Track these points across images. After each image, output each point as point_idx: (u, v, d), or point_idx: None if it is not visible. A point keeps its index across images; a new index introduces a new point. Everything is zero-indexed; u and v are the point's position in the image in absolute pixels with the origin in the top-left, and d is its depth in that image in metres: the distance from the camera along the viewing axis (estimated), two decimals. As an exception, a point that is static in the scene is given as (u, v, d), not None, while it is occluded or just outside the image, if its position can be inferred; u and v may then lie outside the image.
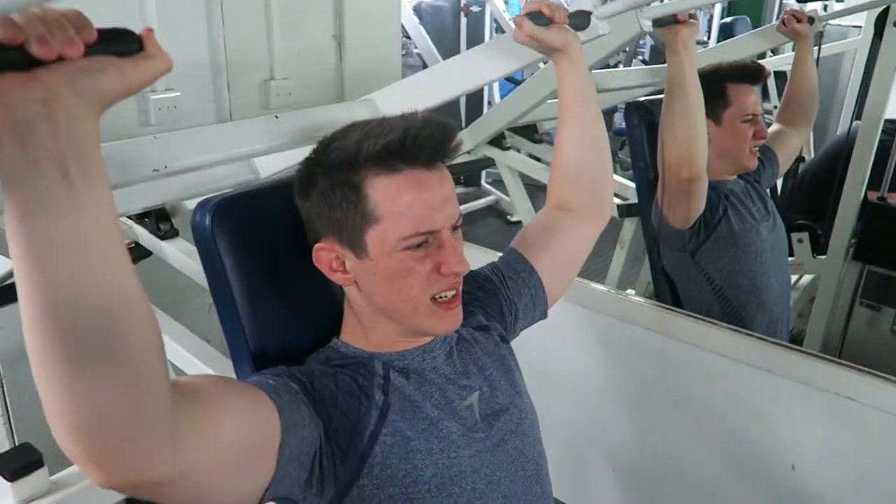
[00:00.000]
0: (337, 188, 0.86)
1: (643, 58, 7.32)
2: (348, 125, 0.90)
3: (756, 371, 1.28)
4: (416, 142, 0.83)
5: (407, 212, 0.85)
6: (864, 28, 3.66)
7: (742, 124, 1.76)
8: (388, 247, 0.86)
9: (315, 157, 0.90)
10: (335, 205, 0.86)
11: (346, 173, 0.85)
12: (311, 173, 0.89)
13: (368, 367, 0.92)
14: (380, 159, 0.84)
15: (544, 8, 1.10)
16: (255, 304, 0.98)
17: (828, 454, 1.24)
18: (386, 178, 0.85)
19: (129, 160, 1.01)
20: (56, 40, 0.52)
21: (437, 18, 5.23)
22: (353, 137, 0.85)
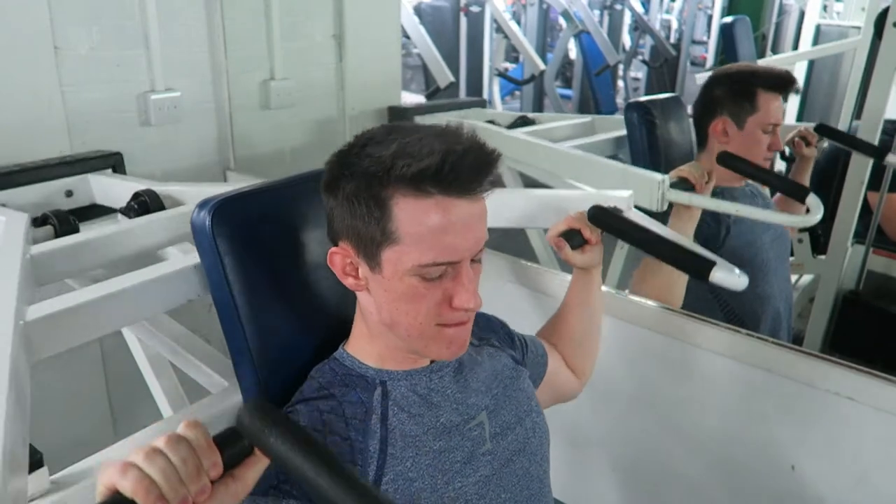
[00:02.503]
0: (362, 198, 0.81)
1: (643, 58, 7.32)
2: (387, 128, 0.85)
3: (756, 371, 1.28)
4: (455, 169, 0.78)
5: (429, 239, 0.80)
6: (864, 28, 3.65)
7: (762, 133, 1.74)
8: (403, 269, 0.82)
9: (346, 159, 0.85)
10: (357, 213, 0.82)
11: (374, 186, 0.80)
12: (339, 175, 0.85)
13: (370, 393, 0.90)
14: (412, 181, 0.78)
15: (585, 231, 1.16)
16: (255, 304, 0.98)
17: (828, 454, 1.24)
18: (414, 201, 0.79)
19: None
20: (192, 494, 0.56)
21: (437, 18, 5.23)
22: (388, 148, 0.80)
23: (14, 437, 0.74)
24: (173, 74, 2.04)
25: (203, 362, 1.16)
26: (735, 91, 1.69)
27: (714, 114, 1.75)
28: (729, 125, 1.73)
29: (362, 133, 0.86)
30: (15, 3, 1.69)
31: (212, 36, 2.13)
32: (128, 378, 1.33)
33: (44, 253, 1.19)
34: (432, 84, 3.89)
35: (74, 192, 1.73)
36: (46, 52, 1.77)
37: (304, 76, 2.44)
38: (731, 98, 1.72)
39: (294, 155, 2.49)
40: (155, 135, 2.05)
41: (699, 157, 1.84)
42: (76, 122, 1.85)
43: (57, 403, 1.02)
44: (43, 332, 0.93)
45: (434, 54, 3.77)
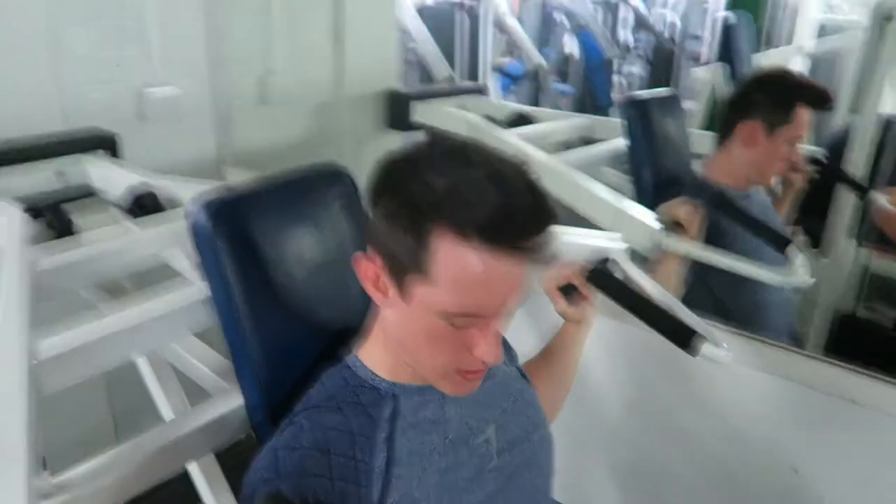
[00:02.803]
0: (403, 222, 0.76)
1: (640, 53, 7.31)
2: (443, 149, 0.79)
3: (757, 373, 1.28)
4: (505, 226, 0.72)
5: (463, 289, 0.76)
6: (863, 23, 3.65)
7: (787, 146, 1.72)
8: (430, 309, 0.78)
9: (395, 173, 0.79)
10: (395, 235, 0.77)
11: (417, 215, 0.75)
12: (384, 186, 0.79)
13: (380, 409, 0.87)
14: (458, 227, 0.73)
15: (583, 289, 1.15)
16: (256, 305, 0.97)
17: (830, 457, 1.24)
18: (457, 246, 0.74)
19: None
20: None
21: (436, 14, 5.21)
22: (441, 178, 0.74)
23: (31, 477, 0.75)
24: (171, 69, 2.03)
25: (204, 364, 1.16)
26: (775, 99, 1.65)
27: (747, 115, 1.71)
28: (759, 131, 1.69)
29: (418, 145, 0.81)
30: (13, 0, 1.68)
31: (210, 31, 2.12)
32: (129, 380, 1.32)
33: (48, 268, 1.18)
34: (428, 78, 3.88)
35: (67, 174, 1.70)
36: (45, 51, 1.76)
37: (302, 71, 2.43)
38: (769, 105, 1.68)
39: (293, 149, 2.48)
40: (152, 130, 2.04)
41: (716, 152, 1.82)
42: (74, 118, 1.84)
43: (58, 406, 1.01)
44: (54, 369, 0.93)
45: (437, 54, 3.76)
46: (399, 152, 0.81)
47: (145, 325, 1.02)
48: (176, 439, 0.98)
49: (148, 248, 1.33)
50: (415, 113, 2.76)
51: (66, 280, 1.21)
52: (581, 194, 1.88)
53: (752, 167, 1.76)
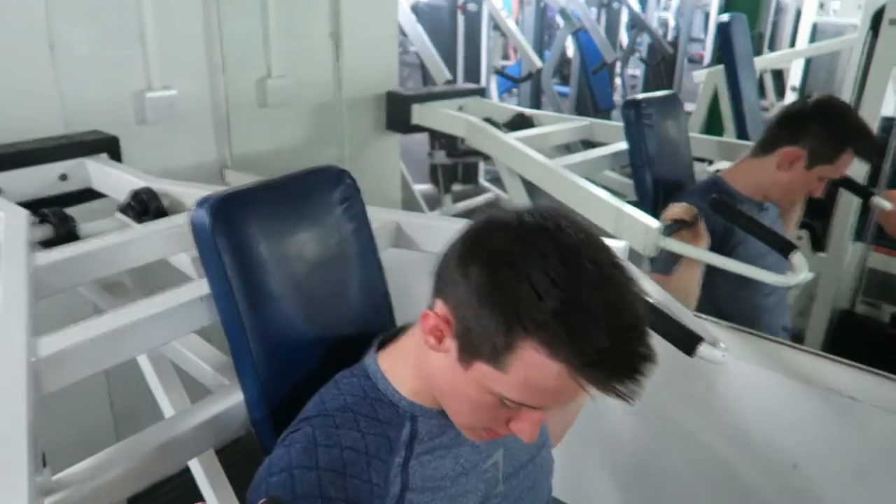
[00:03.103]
0: (497, 317, 0.71)
1: (641, 56, 7.32)
2: (564, 248, 0.71)
3: (756, 369, 1.28)
4: (607, 370, 0.69)
5: (532, 391, 0.74)
6: (860, 25, 3.66)
7: (818, 182, 1.73)
8: (488, 387, 0.76)
9: (500, 250, 0.73)
10: (481, 319, 0.73)
11: (517, 322, 0.70)
12: (483, 261, 0.74)
13: (397, 430, 0.86)
14: (556, 347, 0.69)
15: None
16: (256, 303, 0.98)
17: (829, 453, 1.24)
18: (545, 359, 0.70)
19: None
20: None
21: (435, 17, 5.23)
22: (553, 289, 0.69)
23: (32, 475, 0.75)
24: (170, 72, 2.04)
25: (204, 361, 1.16)
26: (829, 137, 1.65)
27: (796, 141, 1.70)
28: (800, 161, 1.68)
29: (528, 220, 0.75)
30: (11, 1, 1.69)
31: (208, 34, 2.13)
32: (129, 377, 1.33)
33: (48, 265, 1.18)
34: (429, 81, 3.89)
35: (69, 176, 1.71)
36: (43, 51, 1.76)
37: (301, 74, 2.43)
38: (820, 140, 1.67)
39: (292, 152, 2.49)
40: (152, 133, 2.05)
41: (751, 160, 1.79)
42: (73, 120, 1.85)
43: (58, 403, 1.02)
44: (54, 367, 0.93)
45: (432, 53, 3.77)
46: (506, 223, 0.75)
47: (146, 323, 1.02)
48: (176, 436, 0.99)
49: (148, 246, 1.33)
50: (415, 115, 2.77)
51: (66, 278, 1.21)
52: (581, 197, 1.89)
53: (777, 188, 1.75)
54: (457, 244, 0.79)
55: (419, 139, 4.42)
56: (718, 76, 3.08)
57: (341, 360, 1.07)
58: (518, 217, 0.75)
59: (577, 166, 2.13)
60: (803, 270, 1.48)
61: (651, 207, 1.96)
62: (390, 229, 1.43)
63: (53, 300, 1.18)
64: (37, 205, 1.52)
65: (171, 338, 1.11)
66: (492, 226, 0.77)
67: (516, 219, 0.75)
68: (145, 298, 1.06)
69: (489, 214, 0.80)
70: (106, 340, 0.97)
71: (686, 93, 5.87)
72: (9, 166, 1.60)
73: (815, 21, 4.49)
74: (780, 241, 1.58)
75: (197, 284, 1.09)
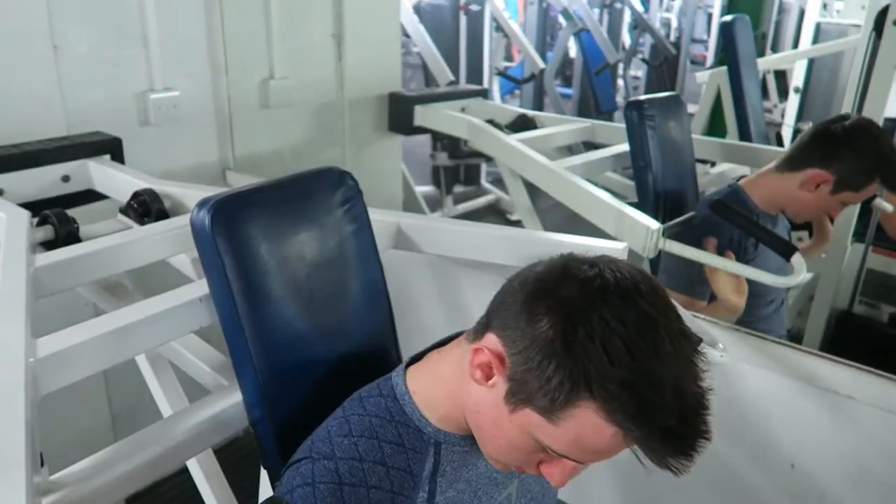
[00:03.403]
0: (561, 373, 0.69)
1: (643, 57, 7.32)
2: (642, 319, 0.69)
3: (755, 369, 1.28)
4: (665, 448, 0.68)
5: (580, 448, 0.73)
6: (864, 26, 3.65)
7: (839, 206, 1.72)
8: (531, 432, 0.75)
9: (575, 304, 0.71)
10: (541, 370, 0.71)
11: (582, 384, 0.69)
12: (550, 307, 0.72)
13: (420, 463, 0.85)
14: (616, 415, 0.68)
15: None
16: (255, 304, 0.98)
17: (827, 452, 1.24)
18: (601, 422, 0.69)
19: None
20: None
21: (437, 17, 5.24)
22: (626, 358, 0.67)
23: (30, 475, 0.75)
24: (172, 74, 2.04)
25: (203, 361, 1.16)
26: (861, 166, 1.62)
27: (826, 165, 1.65)
28: (826, 184, 1.65)
29: (608, 271, 0.73)
30: (13, 1, 1.69)
31: (211, 35, 2.13)
32: (127, 377, 1.33)
33: (48, 266, 1.18)
34: (432, 83, 3.90)
35: (72, 178, 1.71)
36: (45, 52, 1.77)
37: (303, 75, 2.44)
38: (851, 168, 1.63)
39: (294, 153, 2.49)
40: (154, 134, 2.05)
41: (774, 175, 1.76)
42: (75, 121, 1.85)
43: (57, 403, 1.02)
44: (53, 368, 0.93)
45: (434, 53, 3.77)
46: (586, 276, 0.72)
47: (145, 323, 1.02)
48: (175, 436, 0.99)
49: (148, 248, 1.33)
50: (417, 116, 2.77)
51: (65, 279, 1.21)
52: (582, 199, 1.89)
53: (796, 205, 1.73)
54: (524, 282, 0.76)
55: (421, 140, 4.44)
56: (721, 77, 3.08)
57: (340, 360, 1.08)
58: (598, 271, 0.73)
59: (579, 168, 2.14)
60: (802, 271, 1.48)
61: (653, 209, 1.95)
62: (391, 231, 1.44)
63: (53, 301, 1.18)
64: (39, 206, 1.53)
65: (169, 338, 1.11)
66: (568, 274, 0.73)
67: (596, 273, 0.72)
68: (144, 299, 1.07)
69: (564, 259, 0.77)
70: (104, 341, 0.97)
71: (689, 94, 5.87)
72: (11, 167, 1.61)
73: (819, 22, 4.49)
74: (780, 242, 1.58)
75: (196, 285, 1.10)
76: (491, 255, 1.42)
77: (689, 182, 2.16)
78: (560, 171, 2.02)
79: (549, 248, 1.38)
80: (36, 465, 0.80)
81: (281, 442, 1.01)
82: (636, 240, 1.62)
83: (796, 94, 4.37)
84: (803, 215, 1.79)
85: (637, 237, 1.63)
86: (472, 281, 1.63)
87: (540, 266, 0.78)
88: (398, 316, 1.19)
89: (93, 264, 1.25)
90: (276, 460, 1.01)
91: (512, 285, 0.79)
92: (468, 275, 1.62)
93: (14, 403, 0.82)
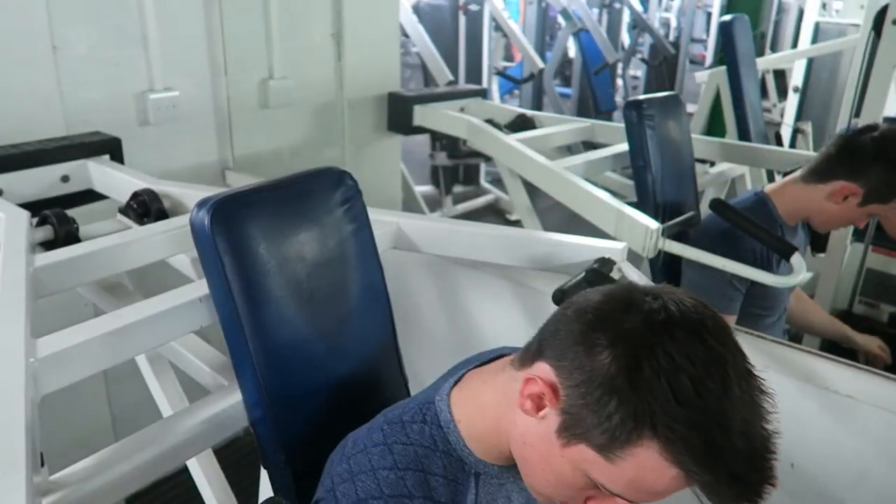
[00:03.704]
0: (618, 404, 0.66)
1: (642, 56, 7.33)
2: (711, 355, 0.66)
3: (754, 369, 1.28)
4: (728, 493, 0.66)
5: (636, 489, 0.70)
6: (863, 26, 3.65)
7: (865, 218, 1.70)
8: (583, 469, 0.72)
9: (641, 341, 0.67)
10: (600, 407, 0.68)
11: (646, 423, 0.66)
12: (603, 335, 0.69)
13: (462, 492, 0.82)
14: (681, 457, 0.65)
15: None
16: (255, 304, 0.98)
17: (827, 452, 1.24)
18: (662, 462, 0.66)
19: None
20: None
21: (436, 17, 5.23)
22: (693, 397, 0.64)
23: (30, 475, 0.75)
24: (172, 74, 2.04)
25: (202, 361, 1.16)
26: (888, 181, 1.59)
27: (854, 178, 1.62)
28: (854, 197, 1.63)
29: (672, 303, 0.69)
30: (13, 1, 1.69)
31: (210, 35, 2.13)
32: (127, 377, 1.33)
33: (48, 266, 1.19)
34: (431, 82, 3.90)
35: (71, 178, 1.71)
36: (45, 52, 1.77)
37: (302, 75, 2.44)
38: (880, 183, 1.60)
39: (293, 153, 2.49)
40: (153, 134, 2.05)
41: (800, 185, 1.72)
42: (74, 122, 1.85)
43: (57, 403, 1.02)
44: (53, 368, 0.93)
45: (433, 53, 3.77)
46: (650, 309, 0.69)
47: (145, 323, 1.02)
48: (174, 436, 0.99)
49: (147, 248, 1.33)
50: (416, 116, 2.77)
51: (65, 279, 1.21)
52: (581, 198, 1.89)
53: (821, 216, 1.71)
54: (581, 312, 0.73)
55: (420, 140, 4.44)
56: (720, 77, 3.08)
57: (340, 360, 1.08)
58: (662, 303, 0.69)
59: (579, 167, 2.14)
60: (802, 271, 1.47)
61: (652, 209, 1.95)
62: (391, 231, 1.44)
63: (53, 301, 1.18)
64: (38, 206, 1.53)
65: (169, 338, 1.11)
66: (630, 306, 0.70)
67: (661, 306, 0.69)
68: (144, 299, 1.07)
69: (626, 289, 0.73)
70: (104, 341, 0.97)
71: (688, 94, 5.88)
72: (10, 167, 1.61)
73: (818, 21, 4.49)
74: (780, 243, 1.58)
75: (196, 285, 1.10)
76: (490, 255, 1.42)
77: (688, 182, 2.16)
78: (559, 171, 2.02)
79: (549, 248, 1.40)
80: (36, 465, 0.80)
81: (281, 442, 1.01)
82: (635, 239, 1.63)
83: (795, 94, 4.38)
84: (828, 226, 1.78)
85: (636, 237, 1.63)
86: (471, 281, 1.63)
87: (597, 295, 0.74)
88: (398, 315, 1.19)
89: (92, 264, 1.25)
90: (277, 460, 1.01)
91: (566, 314, 0.75)
92: (468, 275, 1.63)
93: (14, 403, 0.82)
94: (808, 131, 3.37)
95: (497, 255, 1.41)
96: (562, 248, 1.36)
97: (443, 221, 1.57)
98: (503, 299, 1.58)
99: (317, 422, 1.05)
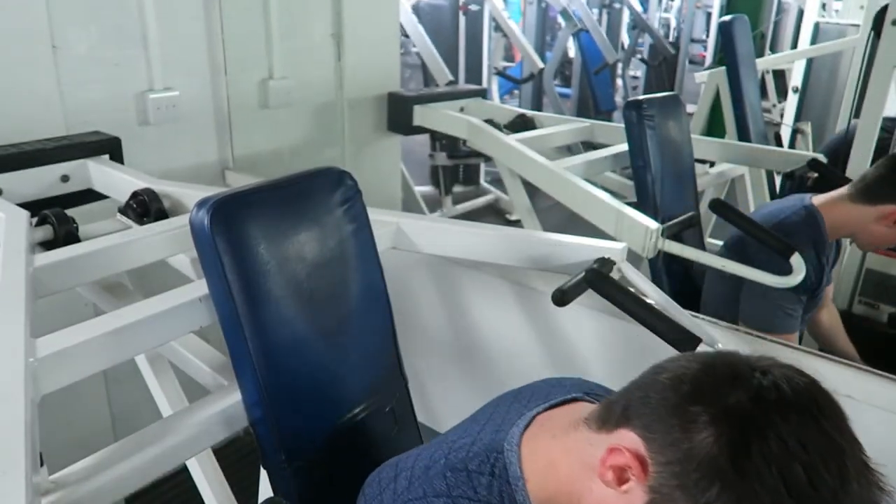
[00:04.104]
0: (720, 491, 0.60)
1: (642, 57, 7.33)
2: (829, 445, 0.61)
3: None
4: None
5: None
6: (863, 26, 3.66)
7: None
8: None
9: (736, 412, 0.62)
10: (696, 486, 0.61)
11: (742, 501, 0.60)
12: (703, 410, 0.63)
13: None
14: None
15: None
16: (255, 304, 0.98)
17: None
18: None
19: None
20: None
21: (436, 17, 5.24)
22: (803, 481, 0.58)
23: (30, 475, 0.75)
24: (172, 74, 2.04)
25: (202, 361, 1.16)
26: None
27: None
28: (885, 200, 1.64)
29: (782, 380, 0.63)
30: (13, 1, 1.69)
31: (210, 35, 2.13)
32: (127, 377, 1.33)
33: (47, 266, 1.18)
34: (431, 82, 3.90)
35: (71, 178, 1.71)
36: (44, 52, 1.77)
37: (302, 75, 2.44)
38: None
39: (293, 153, 2.49)
40: (153, 134, 2.05)
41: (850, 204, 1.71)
42: (74, 122, 1.85)
43: (56, 403, 1.02)
44: (52, 367, 0.93)
45: (433, 53, 3.77)
46: (757, 385, 0.63)
47: (144, 323, 1.02)
48: (174, 436, 0.99)
49: (147, 248, 1.33)
50: (416, 116, 2.77)
51: (65, 279, 1.21)
52: (581, 199, 1.89)
53: (868, 236, 1.72)
54: (677, 380, 0.67)
55: (420, 140, 4.44)
56: (720, 77, 3.08)
57: (340, 360, 1.08)
58: (772, 379, 0.63)
59: (578, 168, 2.14)
60: (802, 271, 1.48)
61: (652, 209, 1.96)
62: (390, 231, 1.44)
63: (53, 301, 1.18)
64: (38, 206, 1.52)
65: (169, 338, 1.11)
66: (737, 378, 0.64)
67: (771, 383, 0.63)
68: (144, 299, 1.07)
69: (729, 359, 0.67)
70: (104, 341, 0.97)
71: (687, 94, 5.88)
72: (10, 167, 1.60)
73: (817, 21, 4.49)
74: (779, 243, 1.58)
75: (196, 285, 1.10)
76: (490, 255, 1.42)
77: (688, 182, 2.17)
78: (559, 171, 2.02)
79: (549, 248, 1.40)
80: (36, 465, 0.80)
81: (281, 442, 1.01)
82: (635, 240, 1.63)
83: (795, 94, 4.38)
84: (872, 246, 1.80)
85: (636, 237, 1.63)
86: (471, 281, 1.63)
87: (696, 364, 0.67)
88: (397, 315, 1.19)
89: (92, 264, 1.25)
90: (276, 460, 1.01)
91: (658, 380, 0.68)
92: (467, 275, 1.63)
93: (14, 403, 0.82)
94: (807, 132, 3.37)
95: (497, 255, 1.41)
96: (561, 249, 1.36)
97: (443, 221, 1.57)
98: (503, 299, 1.58)
99: (317, 422, 1.05)
